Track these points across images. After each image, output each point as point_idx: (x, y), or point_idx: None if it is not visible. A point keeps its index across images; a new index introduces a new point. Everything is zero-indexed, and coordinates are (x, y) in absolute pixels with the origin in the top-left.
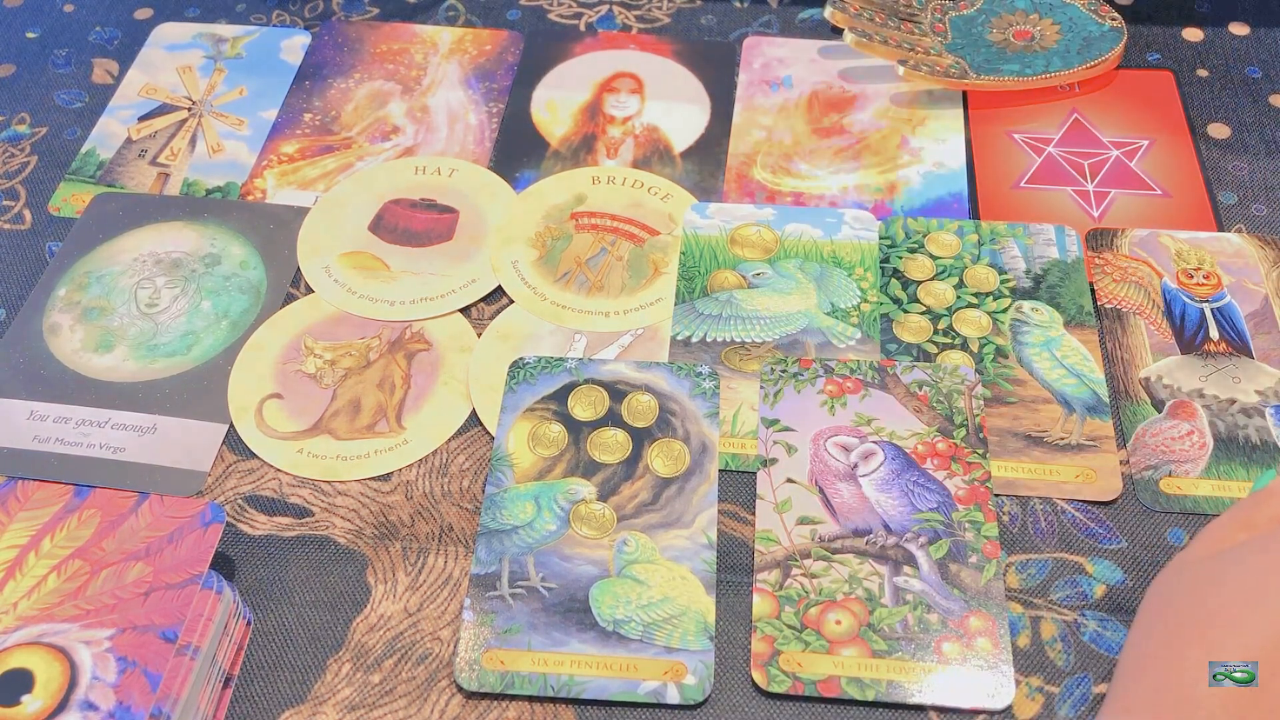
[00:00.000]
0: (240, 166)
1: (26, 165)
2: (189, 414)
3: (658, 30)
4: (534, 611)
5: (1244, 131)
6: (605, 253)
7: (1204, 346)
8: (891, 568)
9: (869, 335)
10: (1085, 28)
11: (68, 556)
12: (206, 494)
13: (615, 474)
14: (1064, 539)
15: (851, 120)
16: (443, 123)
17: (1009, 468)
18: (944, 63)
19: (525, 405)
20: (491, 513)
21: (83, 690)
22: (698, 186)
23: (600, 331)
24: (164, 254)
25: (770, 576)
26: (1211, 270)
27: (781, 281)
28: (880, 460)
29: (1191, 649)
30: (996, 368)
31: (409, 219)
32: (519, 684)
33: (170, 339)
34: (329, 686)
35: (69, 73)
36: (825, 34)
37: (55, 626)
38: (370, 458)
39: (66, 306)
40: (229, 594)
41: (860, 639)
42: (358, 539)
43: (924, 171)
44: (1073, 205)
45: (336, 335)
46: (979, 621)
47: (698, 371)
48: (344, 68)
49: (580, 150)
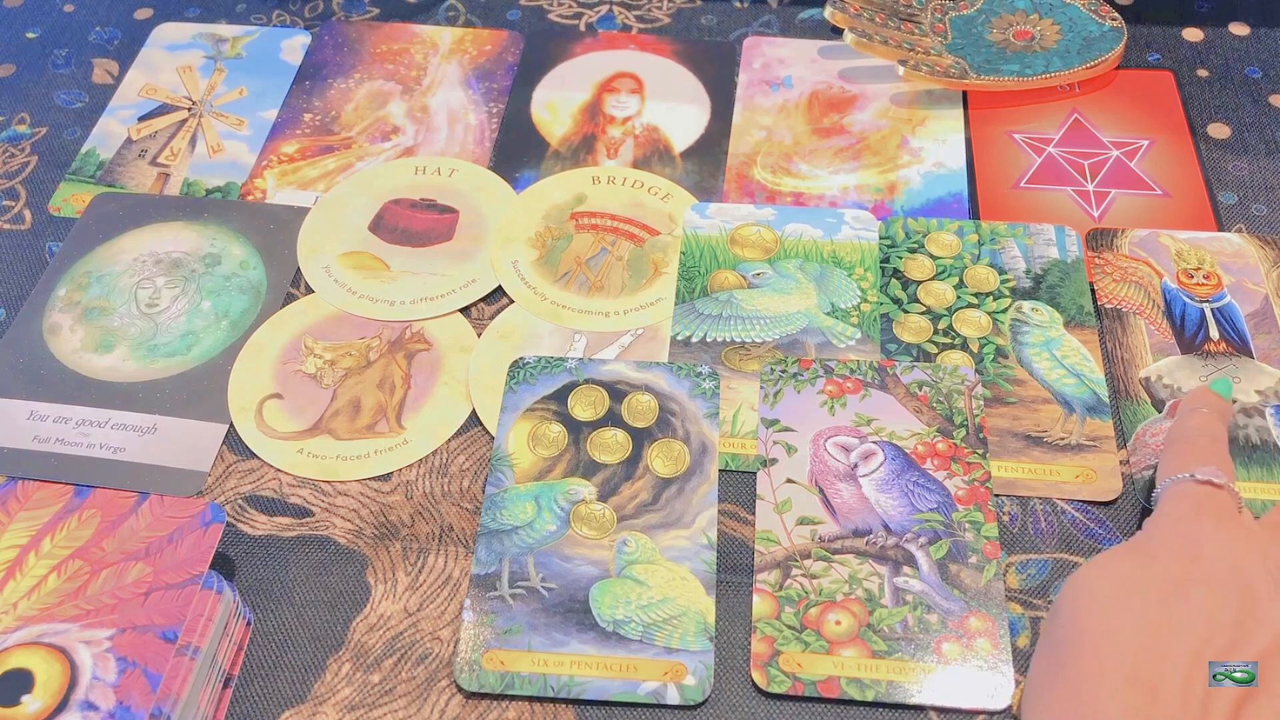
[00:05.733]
0: (240, 166)
1: (26, 165)
2: (189, 414)
3: (658, 30)
4: (534, 612)
5: (1244, 131)
6: (605, 253)
7: (1204, 346)
8: (891, 568)
9: (869, 335)
10: (1085, 28)
11: (68, 556)
12: (206, 494)
13: (615, 474)
14: (1064, 539)
15: (851, 120)
16: (443, 123)
17: (1009, 468)
18: (944, 63)
19: (525, 405)
20: (491, 513)
21: (83, 690)
22: (698, 186)
23: (600, 331)
24: (164, 254)
25: (770, 577)
26: (1211, 270)
27: (781, 281)
28: (880, 460)
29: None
30: (996, 368)
31: (409, 219)
32: (519, 684)
33: (170, 339)
34: (329, 686)
35: (69, 73)
36: (825, 34)
37: (55, 626)
38: (370, 458)
39: (66, 306)
40: (229, 594)
41: (860, 639)
42: (358, 539)
43: (924, 171)
44: (1073, 205)
45: (336, 335)
46: (979, 622)
47: (698, 371)
48: (344, 68)
49: (580, 150)
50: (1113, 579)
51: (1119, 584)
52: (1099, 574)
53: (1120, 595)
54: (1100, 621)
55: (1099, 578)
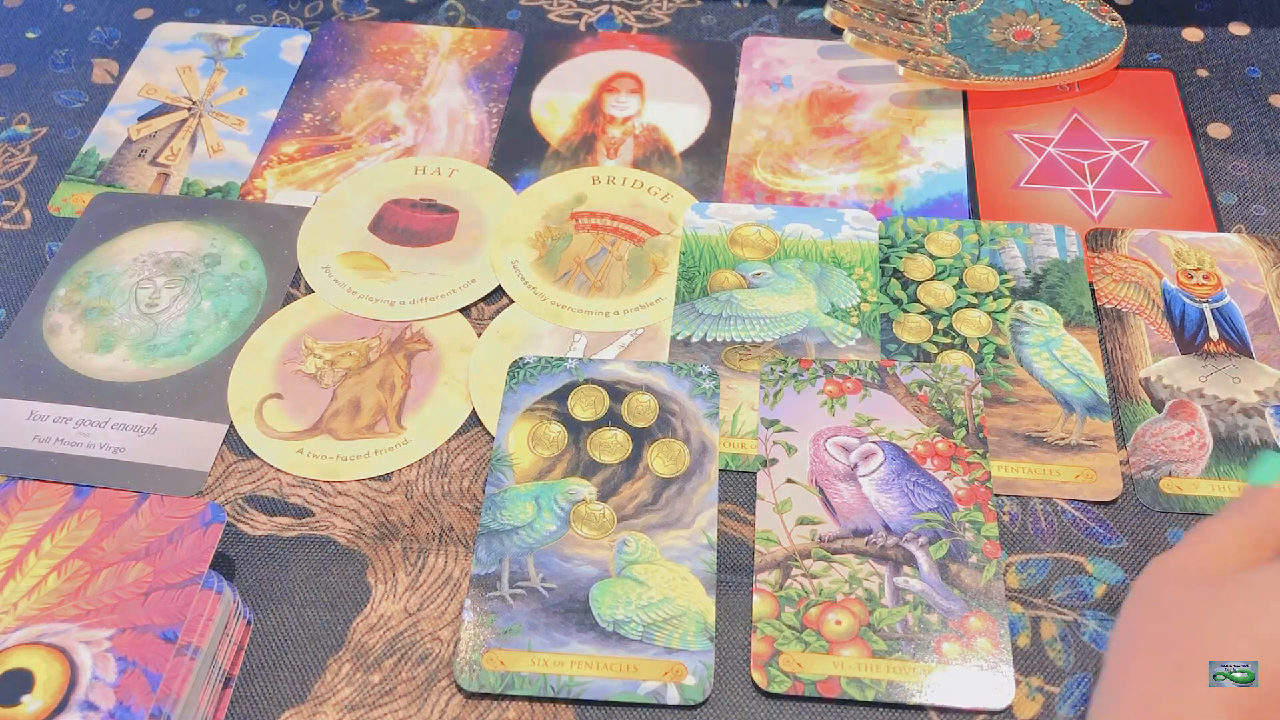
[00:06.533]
0: (240, 166)
1: (26, 165)
2: (189, 414)
3: (658, 30)
4: (534, 612)
5: (1244, 131)
6: (605, 253)
7: (1204, 346)
8: (891, 568)
9: (869, 335)
10: (1085, 28)
11: (68, 556)
12: (206, 494)
13: (615, 474)
14: (1064, 539)
15: (851, 120)
16: (443, 123)
17: (1009, 468)
18: (944, 63)
19: (525, 405)
20: (491, 513)
21: (83, 690)
22: (698, 186)
23: (600, 331)
24: (164, 254)
25: (770, 577)
26: (1211, 270)
27: (781, 281)
28: (880, 460)
29: (1192, 657)
30: (996, 368)
31: (409, 219)
32: (519, 684)
33: (170, 339)
34: (329, 686)
35: (69, 73)
36: (825, 34)
37: (55, 626)
38: (370, 458)
39: (66, 306)
40: (229, 594)
41: (860, 639)
42: (358, 539)
43: (924, 171)
44: (1073, 205)
45: (336, 335)
46: (979, 621)
47: (698, 371)
48: (344, 68)
49: (580, 150)
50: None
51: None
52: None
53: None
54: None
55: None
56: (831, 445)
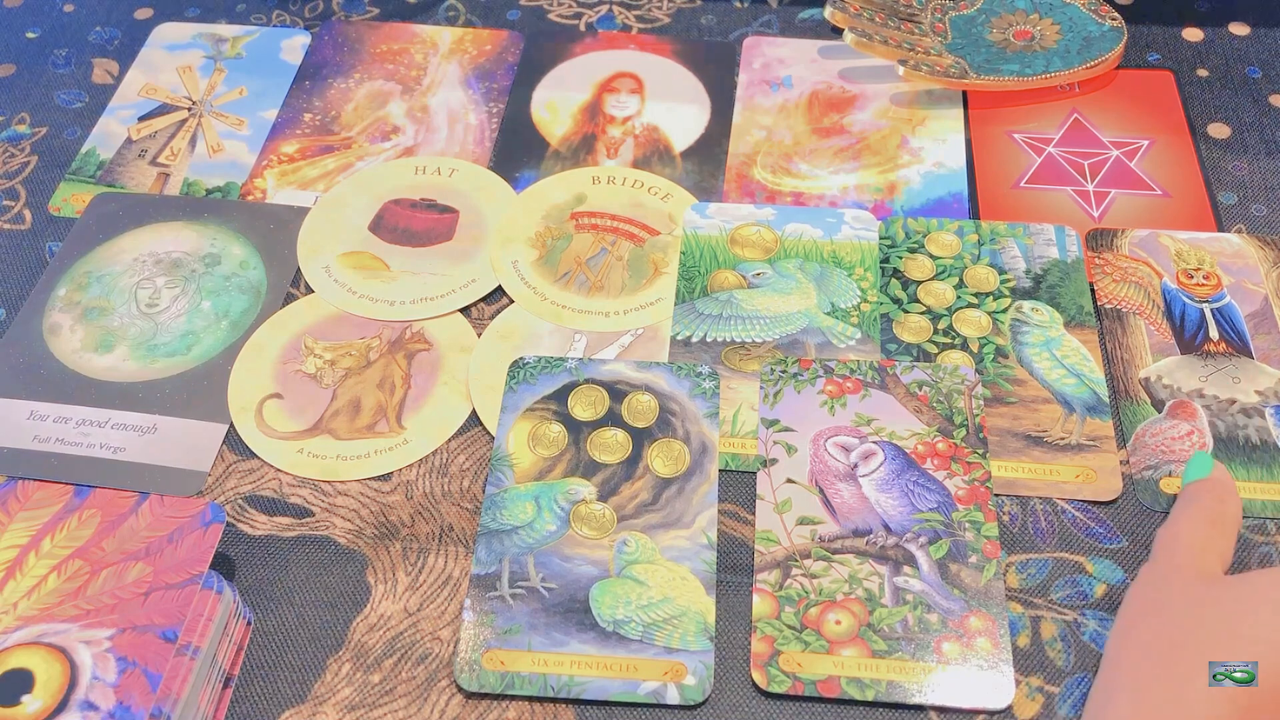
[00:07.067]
0: (240, 166)
1: (26, 165)
2: (189, 414)
3: (658, 30)
4: (534, 612)
5: (1244, 131)
6: (605, 253)
7: (1204, 347)
8: (891, 568)
9: (869, 335)
10: (1085, 28)
11: (68, 556)
12: (206, 494)
13: (615, 474)
14: (1064, 539)
15: (851, 120)
16: (443, 123)
17: (1009, 468)
18: (944, 63)
19: (525, 405)
20: (491, 513)
21: (83, 690)
22: (698, 186)
23: (600, 331)
24: (164, 254)
25: (770, 577)
26: (1211, 270)
27: (781, 281)
28: (880, 460)
29: (1192, 657)
30: (996, 368)
31: (409, 219)
32: (519, 684)
33: (170, 339)
34: (329, 686)
35: (69, 73)
36: (825, 34)
37: (55, 626)
38: (370, 458)
39: (66, 306)
40: (229, 594)
41: (860, 639)
42: (358, 539)
43: (924, 171)
44: (1073, 205)
45: (336, 335)
46: (979, 621)
47: (698, 371)
48: (344, 68)
49: (580, 150)
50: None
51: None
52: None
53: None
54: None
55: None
56: (831, 445)
